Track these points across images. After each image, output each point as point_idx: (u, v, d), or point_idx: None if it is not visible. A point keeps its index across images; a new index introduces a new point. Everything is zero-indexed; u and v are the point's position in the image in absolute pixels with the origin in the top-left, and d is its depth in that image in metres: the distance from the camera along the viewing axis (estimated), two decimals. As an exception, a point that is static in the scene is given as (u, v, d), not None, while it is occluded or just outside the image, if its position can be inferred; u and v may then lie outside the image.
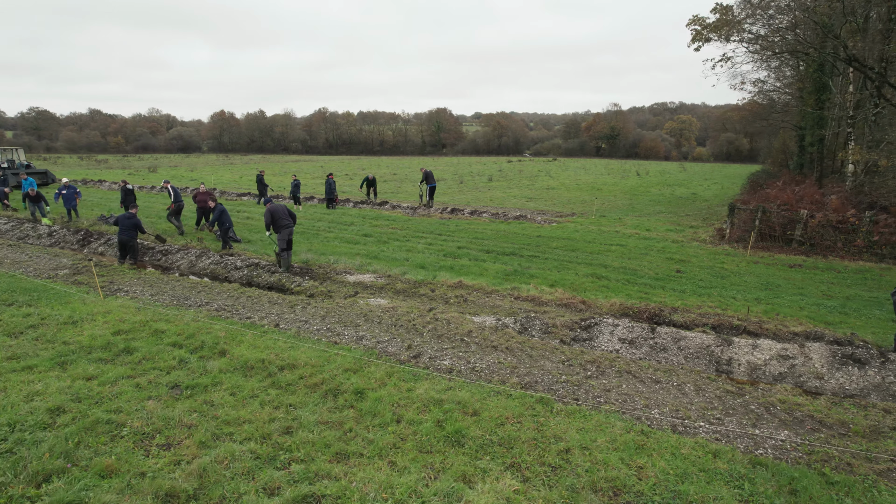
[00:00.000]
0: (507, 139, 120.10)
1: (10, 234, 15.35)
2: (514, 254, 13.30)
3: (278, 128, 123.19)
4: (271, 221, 11.01)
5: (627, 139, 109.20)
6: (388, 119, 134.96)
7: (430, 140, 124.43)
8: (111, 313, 8.41)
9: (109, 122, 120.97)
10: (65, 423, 5.15)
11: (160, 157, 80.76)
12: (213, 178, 37.60)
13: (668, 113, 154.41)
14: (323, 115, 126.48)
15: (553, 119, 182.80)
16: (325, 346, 7.24)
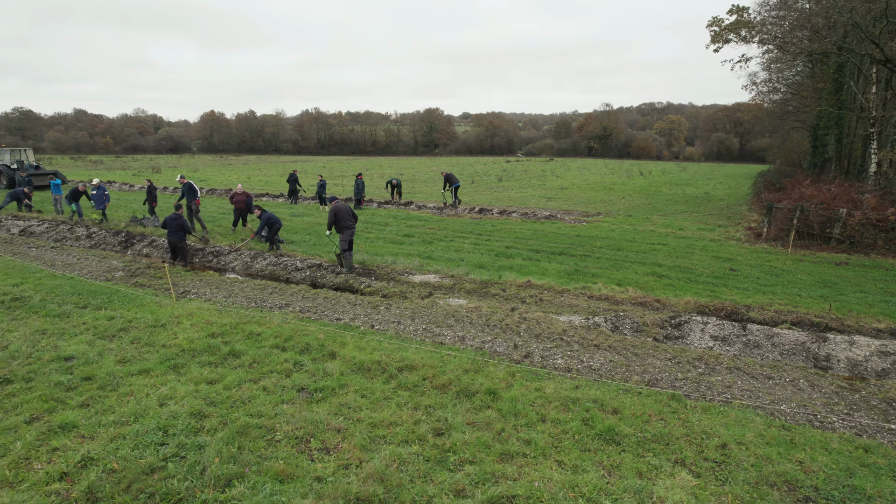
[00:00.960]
0: (499, 139, 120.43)
1: (45, 235, 15.06)
2: (564, 253, 13.36)
3: (269, 128, 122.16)
4: (334, 221, 10.96)
5: (619, 139, 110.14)
6: (378, 119, 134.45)
7: (422, 140, 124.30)
8: (194, 316, 8.30)
9: (96, 122, 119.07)
10: (213, 427, 5.08)
11: (156, 158, 79.69)
12: (219, 178, 37.18)
13: (655, 113, 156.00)
14: (315, 116, 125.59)
15: (541, 119, 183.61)
16: (432, 346, 7.22)
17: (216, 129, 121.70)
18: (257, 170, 49.56)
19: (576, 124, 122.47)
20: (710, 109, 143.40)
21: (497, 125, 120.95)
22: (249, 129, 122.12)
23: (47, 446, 4.77)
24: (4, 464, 4.50)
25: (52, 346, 7.05)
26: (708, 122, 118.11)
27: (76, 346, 7.07)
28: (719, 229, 17.62)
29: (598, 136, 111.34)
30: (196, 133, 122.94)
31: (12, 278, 10.53)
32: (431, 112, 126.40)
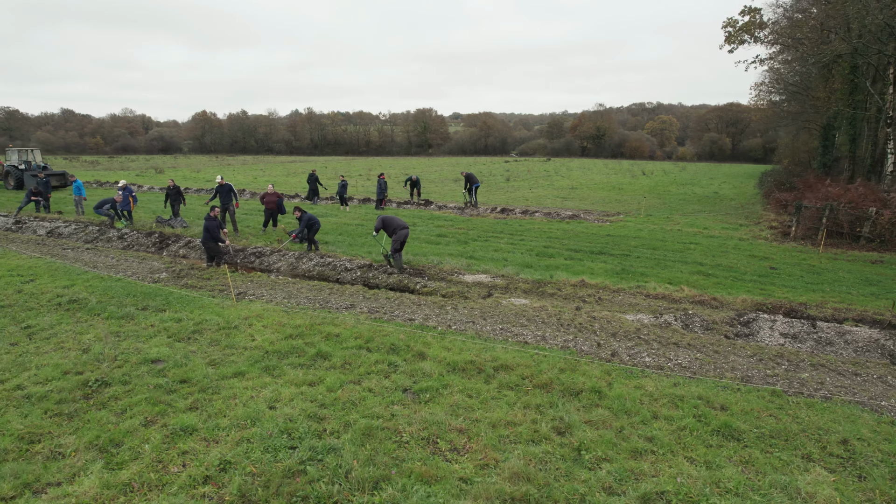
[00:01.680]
0: (493, 139, 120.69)
1: (74, 236, 14.85)
2: (603, 252, 13.44)
3: (262, 128, 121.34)
4: (383, 225, 11.02)
5: (613, 139, 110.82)
6: (368, 119, 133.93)
7: (416, 140, 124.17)
8: (263, 317, 8.24)
9: (85, 122, 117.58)
10: (334, 429, 5.05)
11: (152, 158, 78.79)
12: (228, 179, 36.85)
13: (645, 113, 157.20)
14: (307, 116, 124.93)
15: (531, 119, 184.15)
16: (517, 346, 7.23)
17: (208, 129, 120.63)
18: (259, 170, 49.21)
19: (569, 124, 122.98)
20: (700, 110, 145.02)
21: (491, 125, 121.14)
22: (241, 129, 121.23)
23: (176, 449, 4.71)
24: (141, 467, 4.44)
25: (134, 349, 6.97)
26: (699, 122, 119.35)
27: (157, 348, 6.99)
28: (743, 228, 17.81)
29: (591, 136, 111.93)
30: (188, 133, 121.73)
31: (61, 280, 10.38)
32: (425, 112, 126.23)
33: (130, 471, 4.39)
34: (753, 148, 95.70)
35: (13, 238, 14.88)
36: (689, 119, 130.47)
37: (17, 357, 6.79)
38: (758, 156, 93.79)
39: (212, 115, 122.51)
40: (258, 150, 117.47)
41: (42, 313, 8.58)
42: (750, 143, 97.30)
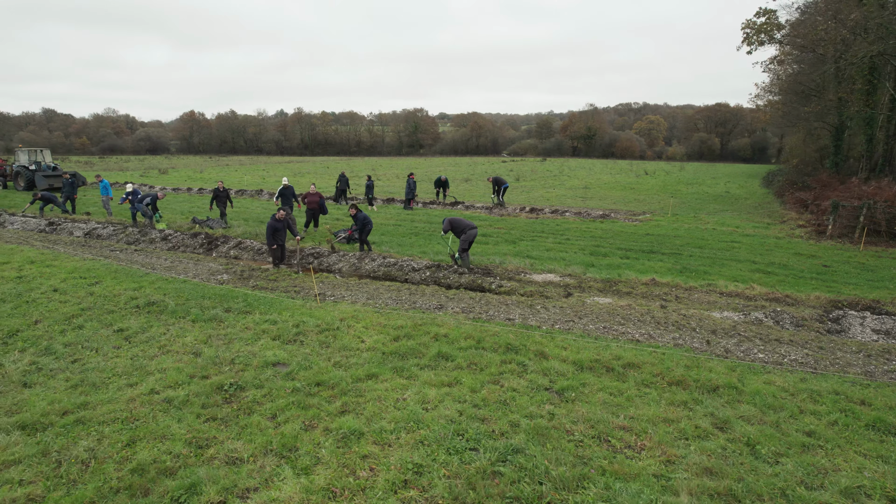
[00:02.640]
0: (484, 140, 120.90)
1: (114, 238, 14.57)
2: (654, 251, 13.55)
3: (251, 128, 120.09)
4: (450, 227, 11.03)
5: (603, 139, 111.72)
6: (355, 119, 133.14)
7: (407, 140, 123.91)
8: (359, 318, 8.17)
9: (69, 122, 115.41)
10: (503, 430, 5.04)
11: (147, 158, 77.74)
12: (234, 179, 36.44)
13: (632, 113, 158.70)
14: (298, 116, 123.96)
15: (517, 119, 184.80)
16: (630, 343, 7.27)
17: (196, 129, 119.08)
18: (262, 170, 48.71)
19: (560, 124, 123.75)
20: (686, 110, 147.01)
21: (482, 125, 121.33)
22: (230, 129, 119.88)
23: (353, 453, 4.65)
24: (331, 472, 4.38)
25: (248, 352, 6.86)
26: (686, 122, 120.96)
27: (271, 351, 6.89)
28: (773, 227, 18.10)
29: (582, 136, 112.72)
30: (175, 133, 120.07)
31: (126, 283, 10.18)
32: (416, 112, 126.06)
33: (323, 476, 4.33)
34: (742, 148, 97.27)
35: (54, 240, 14.53)
36: (676, 119, 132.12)
37: (131, 361, 6.65)
38: (746, 155, 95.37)
39: (200, 115, 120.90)
40: (247, 151, 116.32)
41: (125, 316, 8.41)
42: (739, 142, 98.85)
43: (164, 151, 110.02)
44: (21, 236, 15.09)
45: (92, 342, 7.34)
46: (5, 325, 7.98)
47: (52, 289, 9.80)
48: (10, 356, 6.88)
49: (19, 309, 8.71)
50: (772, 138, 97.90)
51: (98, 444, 4.80)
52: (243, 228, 15.58)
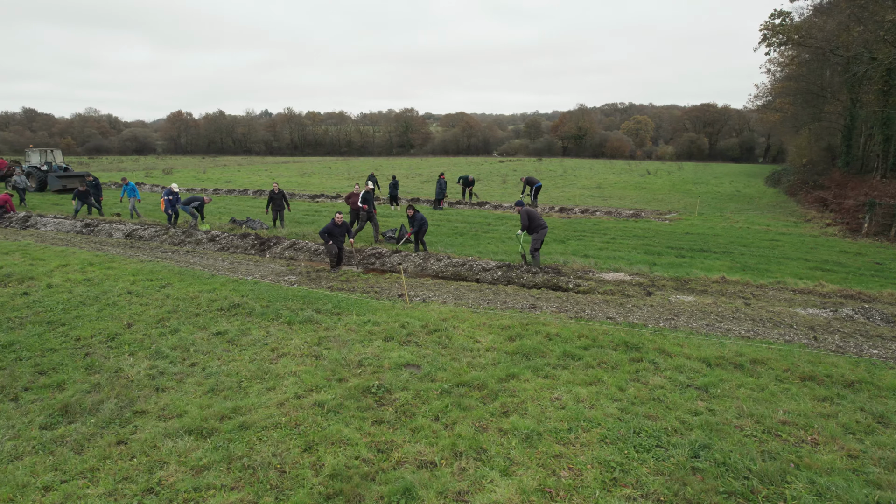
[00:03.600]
0: (475, 140, 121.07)
1: (157, 239, 14.31)
2: (704, 250, 13.72)
3: (240, 128, 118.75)
4: (528, 223, 11.03)
5: (594, 139, 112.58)
6: (340, 120, 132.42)
7: (397, 140, 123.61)
8: (459, 318, 8.13)
9: (52, 122, 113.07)
10: (674, 427, 5.06)
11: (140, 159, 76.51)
12: (244, 179, 36.01)
13: (618, 113, 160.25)
14: (287, 116, 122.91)
15: (503, 119, 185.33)
16: (742, 340, 7.35)
17: (183, 129, 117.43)
18: (263, 170, 48.20)
19: (551, 124, 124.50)
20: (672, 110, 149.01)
21: (473, 125, 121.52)
22: (218, 129, 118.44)
23: (542, 454, 4.63)
24: (537, 473, 4.36)
25: (372, 355, 6.80)
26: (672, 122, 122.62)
27: (395, 352, 6.84)
28: (801, 225, 18.44)
29: (573, 136, 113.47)
30: (163, 133, 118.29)
31: (195, 285, 10.01)
32: (407, 112, 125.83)
33: (529, 476, 4.32)
34: (731, 147, 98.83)
35: (98, 241, 14.21)
36: (662, 119, 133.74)
37: (253, 364, 6.55)
38: (735, 155, 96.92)
39: (187, 115, 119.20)
40: (236, 151, 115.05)
41: (214, 319, 8.28)
42: (727, 142, 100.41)
43: (150, 152, 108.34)
44: (63, 238, 14.75)
45: (198, 346, 7.21)
46: (98, 327, 7.81)
47: (126, 291, 9.61)
48: (123, 360, 6.73)
49: (104, 312, 8.52)
50: (759, 138, 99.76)
51: (279, 449, 4.72)
52: (289, 229, 15.41)
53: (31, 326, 7.85)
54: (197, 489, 4.19)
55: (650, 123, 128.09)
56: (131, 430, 5.10)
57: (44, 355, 6.92)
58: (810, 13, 24.47)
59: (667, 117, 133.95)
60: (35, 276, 10.39)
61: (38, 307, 8.67)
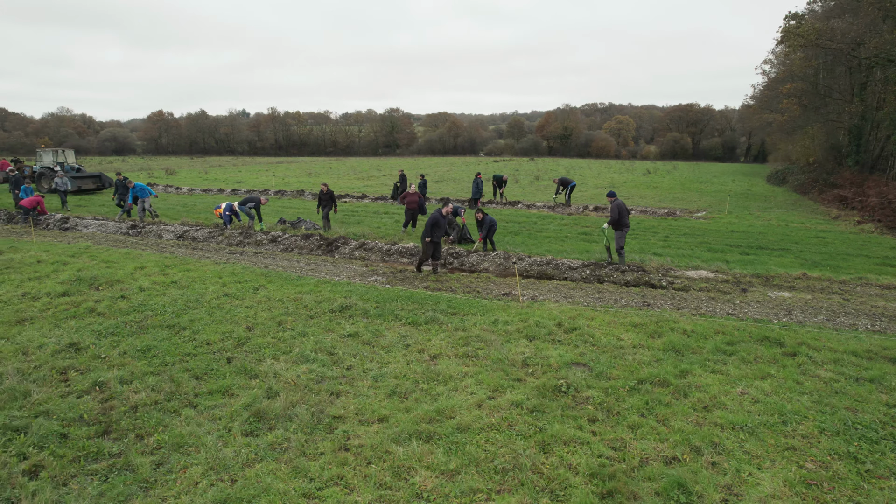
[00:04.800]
0: (461, 140, 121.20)
1: (211, 240, 14.02)
2: (763, 247, 14.01)
3: (224, 129, 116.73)
4: (618, 218, 11.12)
5: (579, 139, 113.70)
6: (321, 120, 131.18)
7: (383, 141, 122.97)
8: (588, 317, 8.14)
9: (26, 121, 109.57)
10: (882, 420, 5.18)
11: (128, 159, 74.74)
12: (254, 179, 35.42)
13: (598, 113, 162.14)
14: (272, 116, 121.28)
15: (483, 119, 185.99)
16: (873, 334, 7.54)
17: (164, 129, 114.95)
18: (264, 170, 47.48)
19: (536, 123, 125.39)
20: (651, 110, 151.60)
21: (460, 125, 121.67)
22: (200, 129, 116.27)
23: (773, 445, 4.70)
24: (787, 466, 4.42)
25: (532, 354, 6.78)
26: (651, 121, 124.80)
27: (555, 350, 6.84)
28: (832, 223, 18.96)
29: (558, 135, 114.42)
30: (144, 133, 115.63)
31: (289, 288, 9.84)
32: (392, 112, 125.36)
33: (788, 469, 4.37)
34: (713, 147, 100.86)
35: (154, 243, 13.83)
36: (642, 119, 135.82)
37: (411, 367, 6.48)
38: (718, 154, 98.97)
39: (168, 114, 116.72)
40: (219, 151, 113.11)
41: (334, 320, 8.16)
42: (710, 142, 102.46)
43: (130, 152, 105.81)
44: (116, 239, 14.31)
45: (339, 348, 7.10)
46: (220, 331, 7.64)
47: (222, 294, 9.40)
48: (268, 364, 6.59)
49: (215, 315, 8.32)
50: (740, 138, 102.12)
51: (516, 450, 4.67)
52: (346, 229, 15.23)
53: (154, 331, 7.63)
54: (464, 493, 4.13)
55: (632, 123, 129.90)
56: (342, 434, 4.99)
57: (185, 360, 6.75)
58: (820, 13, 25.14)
59: (647, 117, 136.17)
60: (121, 279, 10.08)
61: (147, 310, 8.42)
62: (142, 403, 5.60)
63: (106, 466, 4.60)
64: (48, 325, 7.88)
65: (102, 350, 6.96)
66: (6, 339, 7.33)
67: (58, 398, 5.74)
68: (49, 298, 9.02)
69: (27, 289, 9.49)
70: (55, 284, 9.71)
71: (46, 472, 4.50)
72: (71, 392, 5.88)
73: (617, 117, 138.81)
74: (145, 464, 4.60)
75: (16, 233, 15.73)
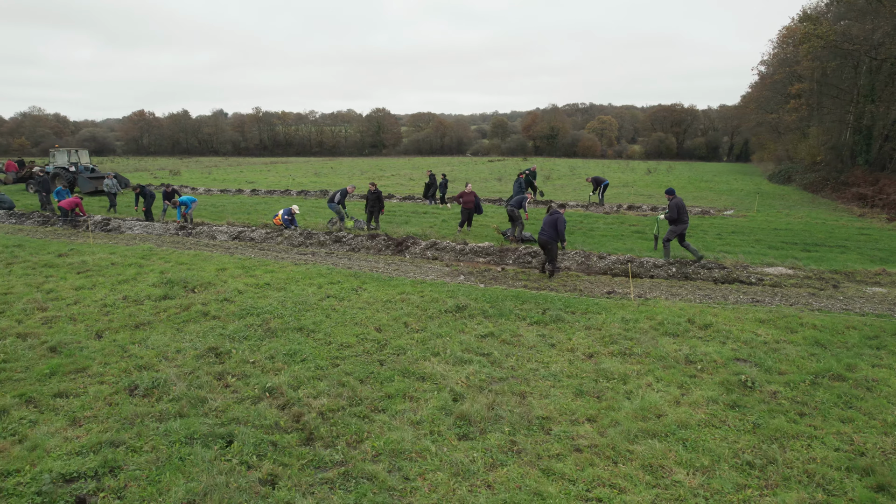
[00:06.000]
0: (448, 139, 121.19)
1: (269, 240, 13.75)
2: (819, 244, 14.29)
3: (207, 129, 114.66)
4: (676, 216, 11.33)
5: (566, 139, 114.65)
6: (297, 119, 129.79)
7: (370, 141, 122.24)
8: (713, 315, 8.18)
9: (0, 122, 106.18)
10: None
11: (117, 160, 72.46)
12: (267, 180, 34.83)
13: (579, 113, 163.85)
14: (257, 116, 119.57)
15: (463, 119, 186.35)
16: None
17: (146, 129, 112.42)
18: (266, 171, 46.73)
19: (522, 123, 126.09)
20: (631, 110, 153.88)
21: (446, 125, 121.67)
22: (183, 129, 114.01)
23: None
24: None
25: (690, 352, 6.79)
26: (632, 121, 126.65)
27: (703, 347, 6.87)
28: (861, 220, 19.45)
29: (545, 135, 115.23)
30: (124, 133, 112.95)
31: (386, 288, 9.69)
32: (379, 112, 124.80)
33: None
34: (697, 147, 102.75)
35: (213, 244, 13.46)
36: (623, 119, 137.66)
37: (588, 366, 6.44)
38: (702, 154, 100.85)
39: (150, 114, 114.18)
40: (203, 152, 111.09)
41: (458, 321, 8.07)
42: (694, 142, 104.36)
43: (110, 152, 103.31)
44: (172, 241, 13.90)
45: (485, 349, 7.01)
46: (352, 333, 7.49)
47: (325, 295, 9.21)
48: (427, 366, 6.47)
49: (332, 317, 8.16)
50: (722, 137, 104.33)
51: (765, 447, 4.67)
52: (395, 229, 15.07)
53: (284, 334, 7.44)
54: (735, 489, 4.12)
55: (614, 123, 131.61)
56: (563, 435, 4.94)
57: (337, 364, 6.61)
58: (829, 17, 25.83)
59: (627, 117, 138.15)
60: (211, 282, 9.80)
61: (263, 313, 8.20)
62: (327, 409, 5.44)
63: (337, 475, 4.45)
64: (169, 329, 7.62)
65: (246, 354, 6.75)
66: (137, 344, 7.07)
67: (234, 404, 5.56)
68: (152, 302, 8.72)
69: (123, 292, 9.16)
70: (148, 287, 9.40)
71: (282, 481, 4.35)
72: (243, 398, 5.69)
73: (600, 117, 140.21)
74: (378, 471, 4.47)
75: (61, 234, 15.19)
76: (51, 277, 10.05)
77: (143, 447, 4.76)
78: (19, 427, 5.08)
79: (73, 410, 5.42)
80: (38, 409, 5.44)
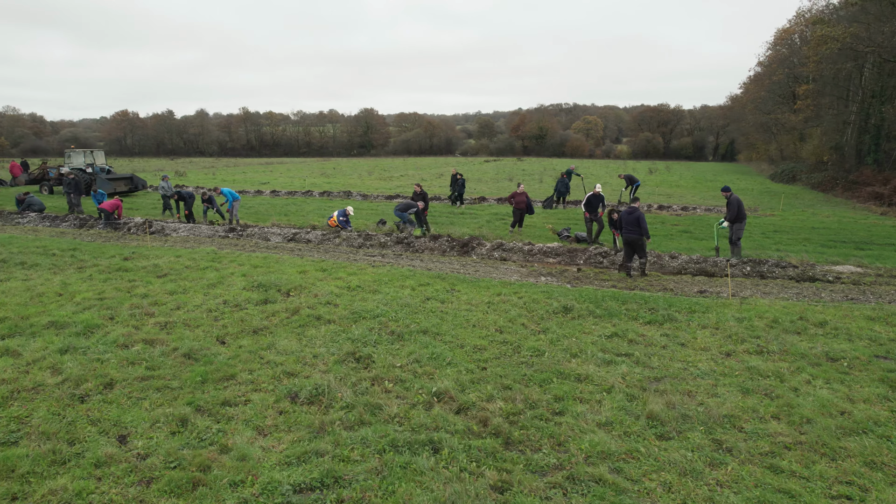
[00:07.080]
0: (438, 140, 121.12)
1: (327, 241, 13.64)
2: (868, 242, 14.69)
3: (193, 129, 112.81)
4: (736, 213, 11.56)
5: (554, 138, 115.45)
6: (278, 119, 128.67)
7: (358, 141, 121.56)
8: (817, 312, 8.33)
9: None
10: None
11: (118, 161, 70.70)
12: (281, 181, 34.37)
13: (563, 113, 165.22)
14: (244, 116, 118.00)
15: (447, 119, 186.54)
16: None
17: (129, 129, 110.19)
18: (268, 170, 46.13)
19: (510, 124, 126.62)
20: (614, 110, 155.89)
21: (436, 125, 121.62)
22: (168, 129, 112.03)
23: None
24: None
25: (831, 349, 6.91)
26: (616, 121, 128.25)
27: (835, 345, 6.98)
28: (884, 218, 19.99)
29: (534, 135, 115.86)
30: (106, 133, 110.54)
31: (480, 291, 9.67)
32: (368, 112, 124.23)
33: None
34: (684, 147, 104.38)
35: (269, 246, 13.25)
36: (607, 119, 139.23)
37: (739, 366, 6.51)
38: (689, 154, 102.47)
39: (133, 114, 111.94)
40: (188, 152, 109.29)
41: (571, 322, 8.11)
42: (681, 142, 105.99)
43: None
44: (227, 243, 13.65)
45: (617, 349, 7.06)
46: (477, 335, 7.49)
47: (424, 297, 9.16)
48: (573, 366, 6.48)
49: (446, 320, 8.12)
50: (707, 137, 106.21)
51: None
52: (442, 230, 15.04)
53: (413, 337, 7.37)
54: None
55: (600, 123, 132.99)
56: (761, 433, 4.99)
57: (483, 367, 6.58)
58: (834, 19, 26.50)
59: (611, 117, 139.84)
60: (303, 285, 9.65)
61: (379, 316, 8.11)
62: (506, 413, 5.41)
63: (563, 478, 4.42)
64: (289, 334, 7.50)
65: (389, 359, 6.67)
66: (268, 350, 6.94)
67: (408, 408, 5.50)
68: (254, 306, 8.56)
69: (219, 297, 8.98)
70: (243, 292, 9.22)
71: (514, 487, 4.31)
72: (414, 404, 5.62)
73: (585, 117, 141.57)
74: (602, 473, 4.45)
75: (108, 238, 14.79)
76: (134, 282, 9.79)
77: (352, 456, 4.67)
78: (210, 436, 4.96)
79: (249, 419, 5.30)
80: (213, 418, 5.30)
